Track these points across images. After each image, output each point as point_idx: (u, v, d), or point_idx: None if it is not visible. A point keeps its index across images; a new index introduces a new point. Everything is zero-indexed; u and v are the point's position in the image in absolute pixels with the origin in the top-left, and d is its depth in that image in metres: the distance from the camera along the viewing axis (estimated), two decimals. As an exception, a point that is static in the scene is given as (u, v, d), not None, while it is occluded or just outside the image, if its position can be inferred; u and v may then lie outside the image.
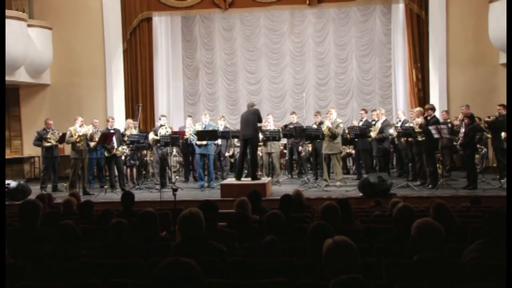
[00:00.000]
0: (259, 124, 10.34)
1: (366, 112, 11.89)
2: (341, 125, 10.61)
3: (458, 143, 10.10)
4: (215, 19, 16.59)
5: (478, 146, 10.76)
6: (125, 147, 11.11)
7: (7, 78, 12.88)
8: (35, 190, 10.29)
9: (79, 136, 10.57)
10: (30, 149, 13.92)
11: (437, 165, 10.25)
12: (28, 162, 14.56)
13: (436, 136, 9.60)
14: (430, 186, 9.67)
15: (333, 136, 10.38)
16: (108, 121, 11.60)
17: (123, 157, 11.24)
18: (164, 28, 15.94)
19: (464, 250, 3.45)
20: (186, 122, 11.88)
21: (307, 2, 13.65)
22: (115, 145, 11.02)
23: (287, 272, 3.37)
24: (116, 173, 11.15)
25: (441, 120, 10.85)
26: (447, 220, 4.35)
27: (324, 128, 10.47)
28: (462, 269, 3.02)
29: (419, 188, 9.72)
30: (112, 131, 11.14)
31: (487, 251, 3.30)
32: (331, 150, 10.49)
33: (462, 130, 9.76)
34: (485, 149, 11.72)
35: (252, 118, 9.98)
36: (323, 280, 2.73)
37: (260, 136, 11.31)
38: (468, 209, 6.48)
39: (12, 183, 9.70)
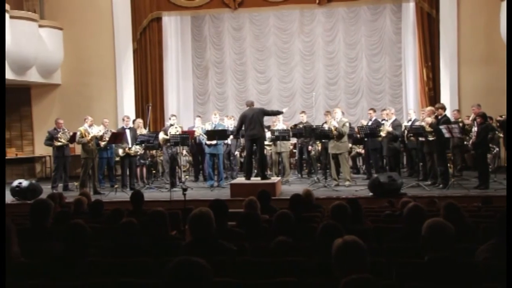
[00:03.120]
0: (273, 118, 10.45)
1: (375, 111, 11.83)
2: (347, 124, 10.57)
3: (470, 142, 10.02)
4: (225, 19, 16.61)
5: (490, 145, 10.66)
6: (138, 146, 11.11)
7: (18, 78, 13.02)
8: (46, 189, 10.35)
9: (91, 138, 10.62)
10: (41, 149, 14.02)
11: (448, 165, 10.17)
12: (39, 162, 14.68)
13: (447, 135, 9.53)
14: (441, 185, 9.60)
15: (339, 135, 10.34)
16: (123, 120, 11.64)
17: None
18: (174, 28, 15.98)
19: (475, 250, 3.42)
20: (195, 122, 11.91)
21: (317, 1, 13.62)
22: (130, 144, 11.05)
23: (296, 272, 3.36)
24: (128, 173, 11.19)
25: (452, 119, 10.77)
26: (458, 220, 4.31)
27: (331, 127, 10.43)
28: (474, 269, 3.00)
29: (429, 188, 9.66)
30: (127, 130, 11.19)
31: (499, 252, 3.27)
32: (338, 150, 10.45)
33: (474, 129, 9.68)
34: (497, 149, 11.62)
35: (258, 117, 9.94)
36: (332, 280, 2.72)
37: (269, 135, 11.33)
38: (480, 209, 6.43)
39: (24, 183, 9.78)
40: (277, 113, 10.84)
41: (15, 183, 9.92)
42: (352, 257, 2.59)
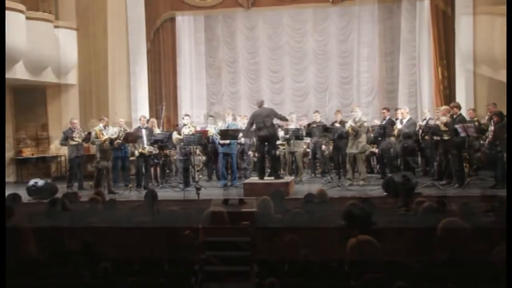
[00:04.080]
0: (280, 122, 10.37)
1: (389, 110, 11.76)
2: (365, 123, 10.53)
3: (487, 141, 9.91)
4: (238, 18, 16.59)
5: (506, 144, 10.53)
6: (151, 146, 11.14)
7: (34, 78, 13.16)
8: (62, 188, 10.45)
9: (105, 139, 10.67)
10: (56, 149, 14.15)
11: (464, 164, 10.06)
12: (54, 161, 14.81)
13: (462, 134, 9.43)
14: (456, 185, 9.51)
15: (356, 135, 10.30)
16: (140, 119, 11.71)
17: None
18: (187, 28, 16.02)
19: (490, 250, 3.38)
20: (208, 122, 11.94)
21: (330, 0, 13.58)
22: (145, 143, 11.09)
23: (309, 272, 3.35)
24: (143, 172, 11.25)
25: (467, 118, 10.65)
26: (474, 220, 4.27)
27: (347, 127, 10.41)
28: (489, 270, 2.96)
29: (444, 187, 9.56)
30: (143, 129, 11.25)
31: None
32: (355, 149, 10.42)
33: (491, 128, 9.57)
34: (514, 148, 11.46)
35: (269, 117, 9.93)
36: (346, 280, 2.70)
37: (282, 134, 11.33)
38: (496, 209, 6.35)
39: (39, 182, 9.89)
40: (284, 118, 10.83)
41: (31, 182, 10.03)
42: (366, 257, 2.57)
